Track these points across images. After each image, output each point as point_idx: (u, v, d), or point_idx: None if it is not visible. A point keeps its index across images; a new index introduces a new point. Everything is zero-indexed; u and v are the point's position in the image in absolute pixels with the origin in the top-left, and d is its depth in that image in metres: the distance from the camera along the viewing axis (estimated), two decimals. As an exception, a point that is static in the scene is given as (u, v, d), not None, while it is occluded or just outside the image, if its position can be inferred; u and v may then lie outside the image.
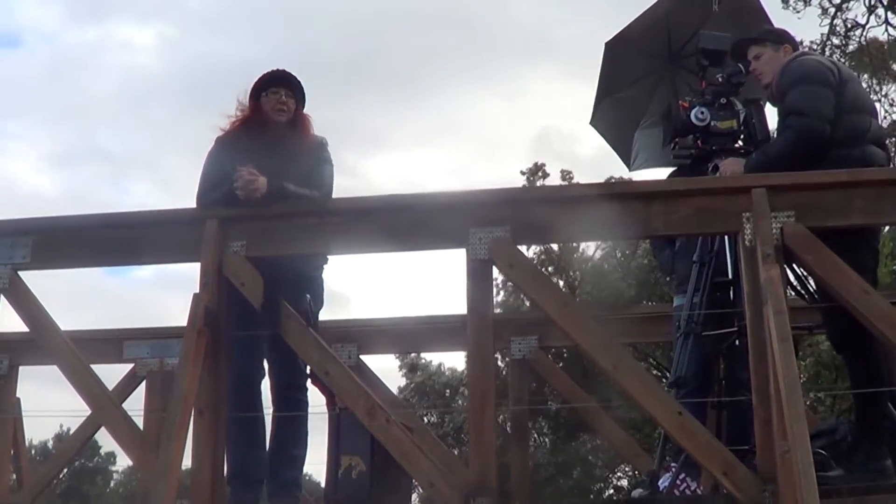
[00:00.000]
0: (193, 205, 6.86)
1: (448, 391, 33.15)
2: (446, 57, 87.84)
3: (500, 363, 13.63)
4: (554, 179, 32.73)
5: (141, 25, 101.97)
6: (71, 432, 10.46)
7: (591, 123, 9.16)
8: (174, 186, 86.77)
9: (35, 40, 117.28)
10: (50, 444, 50.33)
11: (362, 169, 76.40)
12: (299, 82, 7.20)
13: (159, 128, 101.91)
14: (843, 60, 22.12)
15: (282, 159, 6.82)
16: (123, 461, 55.41)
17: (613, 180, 23.38)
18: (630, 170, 9.30)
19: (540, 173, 33.06)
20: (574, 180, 32.17)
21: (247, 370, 6.82)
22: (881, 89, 26.16)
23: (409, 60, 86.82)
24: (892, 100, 26.35)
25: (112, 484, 59.31)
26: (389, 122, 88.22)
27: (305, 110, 7.23)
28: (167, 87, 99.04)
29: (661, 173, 8.33)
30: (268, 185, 6.52)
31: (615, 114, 8.96)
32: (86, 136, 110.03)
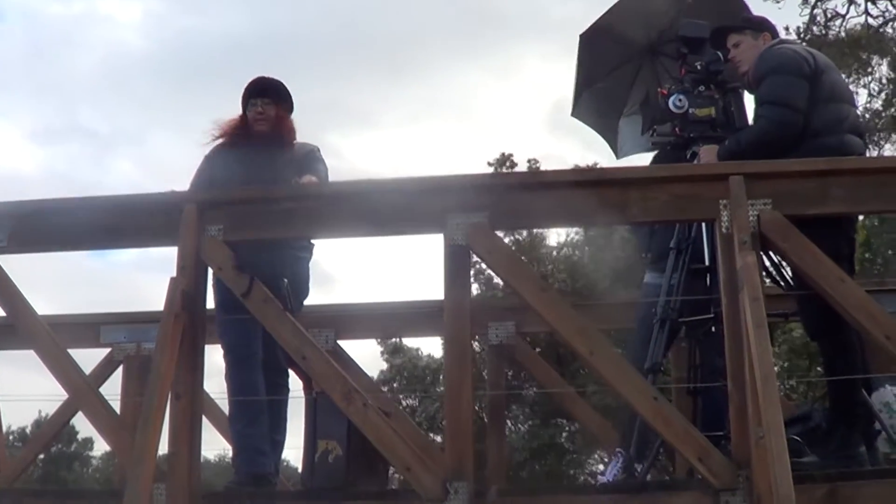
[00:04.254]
0: (177, 181, 6.94)
1: (428, 377, 33.11)
2: (438, 33, 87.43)
3: (477, 348, 13.64)
4: (522, 169, 32.53)
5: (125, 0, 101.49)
6: (49, 417, 10.41)
7: (573, 115, 9.17)
8: (158, 164, 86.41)
9: (17, 15, 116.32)
10: (28, 429, 50.21)
11: (348, 149, 76.17)
12: (279, 87, 7.43)
13: (143, 105, 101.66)
14: (822, 50, 22.18)
15: (272, 168, 7.04)
16: (100, 447, 55.40)
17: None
18: (618, 158, 9.32)
19: (508, 163, 32.91)
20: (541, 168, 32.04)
21: (246, 349, 6.90)
22: (861, 80, 26.24)
23: (400, 36, 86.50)
24: (873, 90, 26.44)
25: (89, 469, 59.19)
26: (378, 100, 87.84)
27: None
28: (152, 63, 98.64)
29: (648, 160, 8.36)
30: None
31: (596, 104, 8.96)
32: (68, 114, 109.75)
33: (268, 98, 7.34)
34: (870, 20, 24.86)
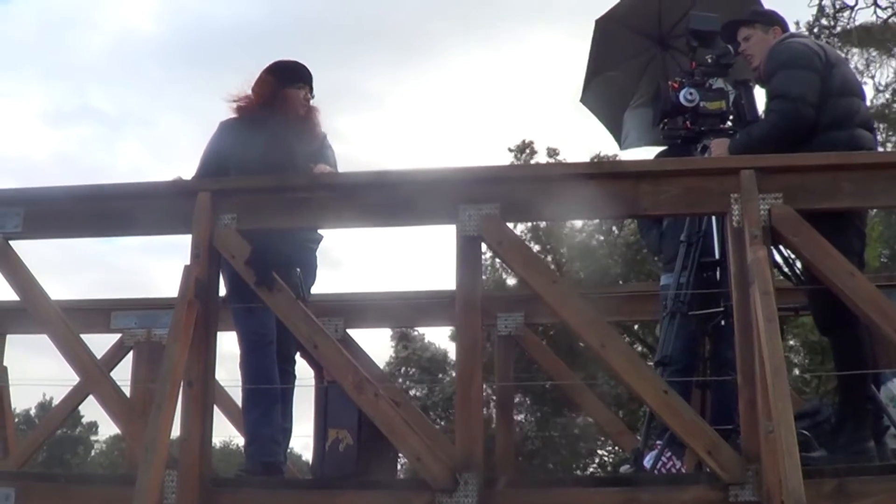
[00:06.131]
0: (186, 166, 7.01)
1: (434, 366, 33.14)
2: (449, 15, 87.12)
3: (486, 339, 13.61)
4: (541, 157, 32.58)
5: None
6: (54, 401, 10.46)
7: (581, 101, 9.19)
8: (168, 148, 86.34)
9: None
10: (33, 412, 50.34)
11: (356, 133, 76.05)
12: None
13: (154, 88, 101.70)
14: (830, 42, 22.15)
15: (296, 139, 7.13)
16: (105, 431, 55.55)
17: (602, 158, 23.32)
18: (621, 149, 9.36)
19: (528, 150, 32.92)
20: (560, 157, 32.12)
21: (262, 337, 6.93)
22: (869, 70, 26.22)
23: (410, 19, 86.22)
24: (879, 83, 26.41)
25: (93, 453, 59.35)
26: (387, 83, 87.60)
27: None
28: (163, 46, 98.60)
29: (653, 152, 8.38)
30: None
31: (606, 93, 8.99)
32: (79, 96, 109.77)
33: (311, 88, 7.41)
34: (878, 12, 24.85)
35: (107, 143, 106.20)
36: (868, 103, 8.59)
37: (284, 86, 7.27)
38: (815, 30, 24.46)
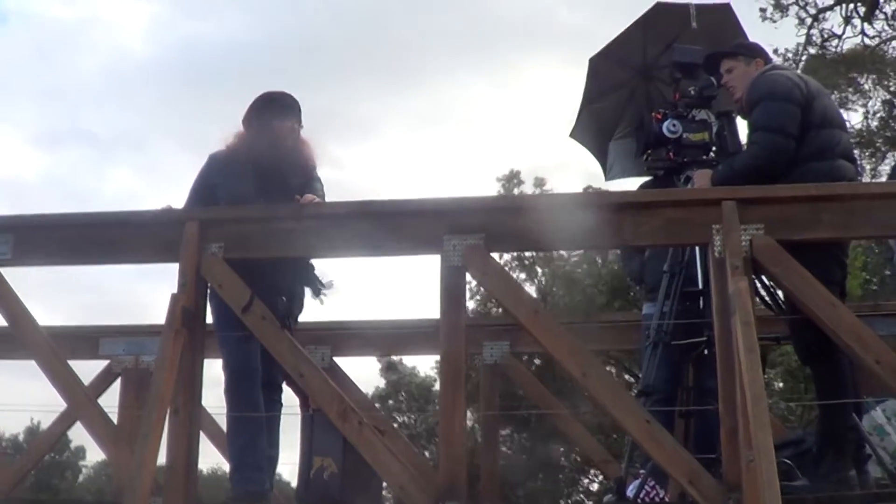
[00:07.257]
0: (177, 190, 7.03)
1: (422, 394, 33.10)
2: (442, 42, 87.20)
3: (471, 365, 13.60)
4: (528, 187, 32.68)
5: (130, 4, 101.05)
6: (42, 425, 10.44)
7: (570, 136, 9.24)
8: (158, 173, 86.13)
9: (20, 17, 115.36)
10: (21, 437, 50.11)
11: (349, 159, 75.92)
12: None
13: (146, 111, 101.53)
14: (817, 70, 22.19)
15: (286, 170, 7.11)
16: (93, 456, 55.30)
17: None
18: (606, 179, 9.41)
19: (515, 180, 33.02)
20: (546, 186, 32.26)
21: (246, 364, 6.93)
22: (857, 98, 26.30)
23: (403, 44, 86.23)
24: (867, 110, 26.49)
25: (81, 478, 59.06)
26: (380, 109, 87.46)
27: None
28: (155, 68, 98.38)
29: (637, 183, 8.42)
30: None
31: (594, 124, 9.04)
32: (70, 119, 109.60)
33: (298, 118, 7.39)
34: (866, 40, 24.96)
35: (98, 167, 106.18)
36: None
37: (272, 117, 7.27)
38: (803, 57, 24.54)
